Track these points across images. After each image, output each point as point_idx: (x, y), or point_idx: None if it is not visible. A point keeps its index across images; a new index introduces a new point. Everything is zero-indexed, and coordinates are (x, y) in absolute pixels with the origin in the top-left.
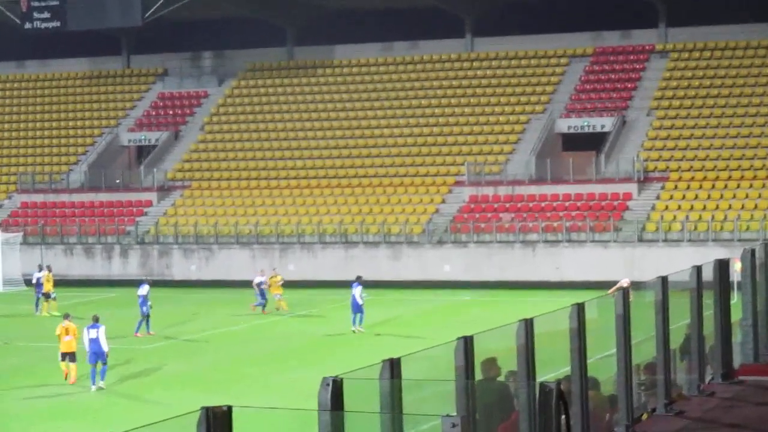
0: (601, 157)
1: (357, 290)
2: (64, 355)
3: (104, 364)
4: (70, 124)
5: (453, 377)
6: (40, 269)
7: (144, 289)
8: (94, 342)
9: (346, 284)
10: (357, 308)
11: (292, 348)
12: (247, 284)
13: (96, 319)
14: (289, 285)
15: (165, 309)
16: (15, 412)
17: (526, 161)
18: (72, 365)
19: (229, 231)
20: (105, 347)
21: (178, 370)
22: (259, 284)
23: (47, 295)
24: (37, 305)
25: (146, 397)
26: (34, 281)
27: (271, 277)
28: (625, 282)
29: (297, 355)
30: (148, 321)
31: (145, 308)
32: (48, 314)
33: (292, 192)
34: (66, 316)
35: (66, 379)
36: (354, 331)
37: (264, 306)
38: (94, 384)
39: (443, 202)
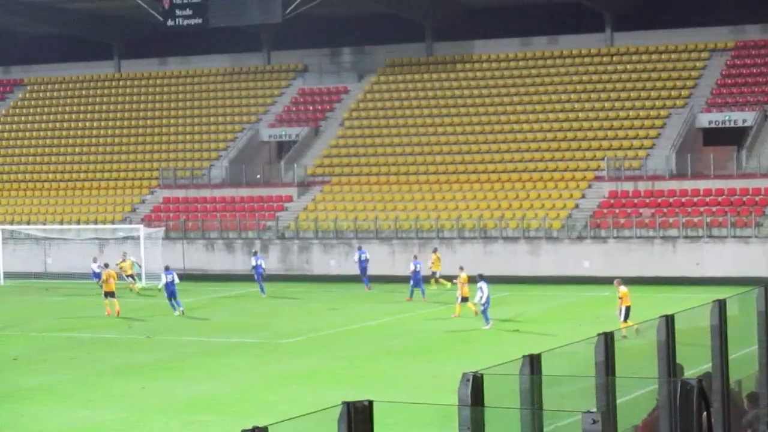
0: (742, 151)
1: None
2: (107, 294)
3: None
4: (212, 120)
5: (593, 374)
6: (256, 254)
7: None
8: (171, 283)
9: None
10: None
11: (429, 343)
12: (384, 279)
13: (167, 267)
14: (426, 280)
15: (304, 304)
16: (157, 405)
17: (666, 156)
18: (113, 300)
19: (368, 226)
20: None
21: (316, 364)
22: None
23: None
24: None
25: (285, 392)
26: (254, 264)
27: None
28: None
29: (435, 350)
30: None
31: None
32: None
33: (431, 187)
34: (106, 265)
35: (109, 315)
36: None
37: None
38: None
39: (582, 197)
